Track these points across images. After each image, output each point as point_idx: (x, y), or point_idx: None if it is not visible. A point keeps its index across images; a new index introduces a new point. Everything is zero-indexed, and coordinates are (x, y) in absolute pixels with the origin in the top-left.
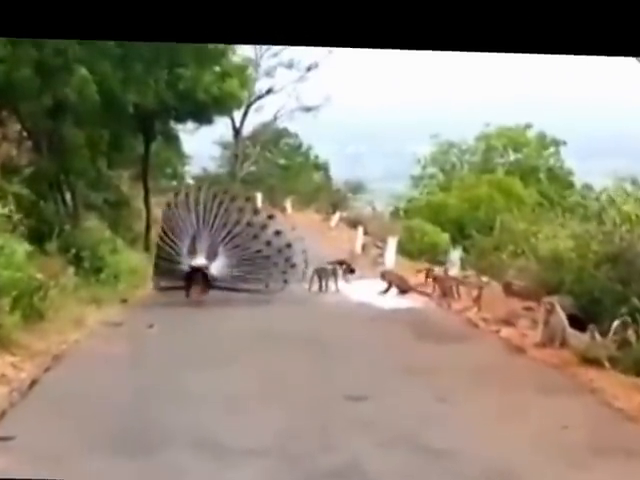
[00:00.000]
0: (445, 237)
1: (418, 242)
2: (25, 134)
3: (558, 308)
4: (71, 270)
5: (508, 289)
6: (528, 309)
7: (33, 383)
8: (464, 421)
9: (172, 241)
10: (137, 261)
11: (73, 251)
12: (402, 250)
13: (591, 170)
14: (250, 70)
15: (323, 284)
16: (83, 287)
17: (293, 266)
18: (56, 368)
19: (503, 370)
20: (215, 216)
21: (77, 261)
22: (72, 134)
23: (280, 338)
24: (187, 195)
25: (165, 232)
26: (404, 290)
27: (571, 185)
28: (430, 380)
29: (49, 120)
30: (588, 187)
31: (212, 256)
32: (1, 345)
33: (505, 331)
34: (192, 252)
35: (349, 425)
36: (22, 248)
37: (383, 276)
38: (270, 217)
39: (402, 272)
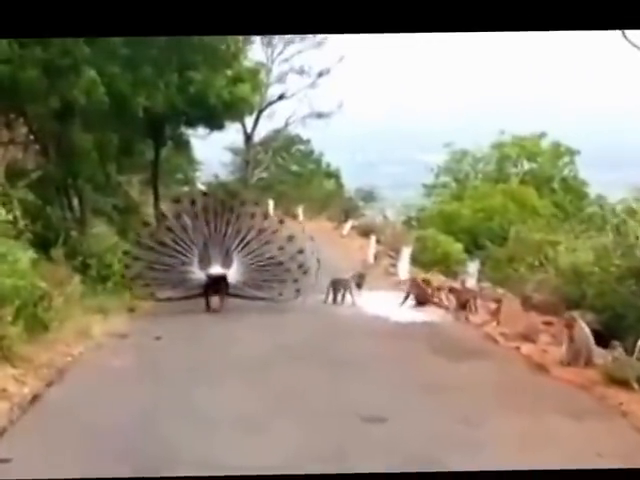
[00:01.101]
0: (458, 247)
1: (431, 252)
2: (32, 137)
3: (582, 323)
4: (77, 278)
5: (527, 303)
6: (548, 324)
7: (35, 398)
8: (486, 444)
9: (176, 250)
10: None
11: (80, 258)
12: (414, 260)
13: (607, 181)
14: (262, 74)
15: (338, 296)
16: (89, 296)
17: (306, 272)
18: (60, 382)
19: (527, 390)
20: (227, 223)
21: (84, 269)
22: (80, 137)
23: (294, 352)
24: (193, 202)
25: (161, 242)
26: (422, 302)
27: (585, 196)
28: (449, 399)
29: (57, 123)
30: (602, 198)
31: (228, 264)
32: (3, 357)
33: (525, 347)
34: (205, 261)
35: (365, 445)
36: (26, 255)
37: (409, 285)
38: (281, 221)
39: None
